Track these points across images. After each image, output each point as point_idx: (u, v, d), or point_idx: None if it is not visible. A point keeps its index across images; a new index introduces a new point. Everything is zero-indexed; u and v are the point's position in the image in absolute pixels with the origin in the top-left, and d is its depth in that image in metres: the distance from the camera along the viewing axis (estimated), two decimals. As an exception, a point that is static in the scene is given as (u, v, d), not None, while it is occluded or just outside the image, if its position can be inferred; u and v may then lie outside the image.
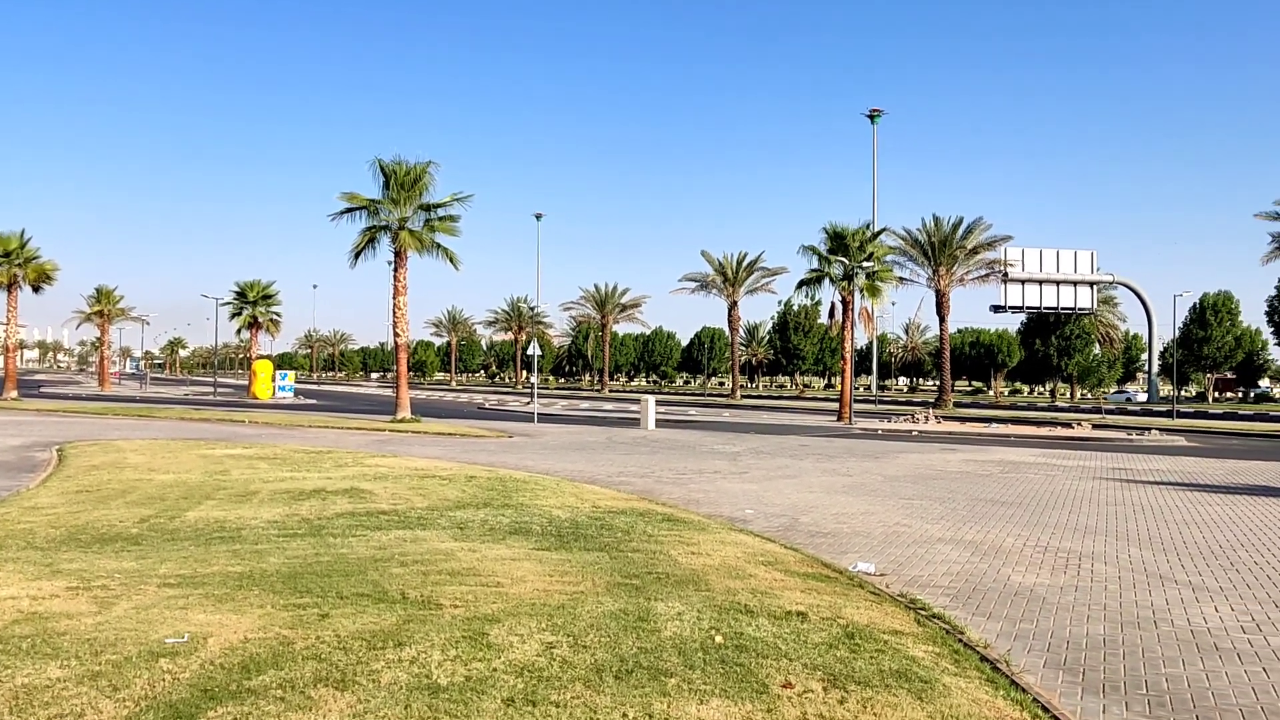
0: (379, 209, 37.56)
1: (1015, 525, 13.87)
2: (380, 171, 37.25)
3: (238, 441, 25.87)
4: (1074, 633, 8.05)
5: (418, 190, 37.34)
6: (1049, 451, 29.26)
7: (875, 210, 51.77)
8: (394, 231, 37.50)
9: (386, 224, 37.72)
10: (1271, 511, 15.84)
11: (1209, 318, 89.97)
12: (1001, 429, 40.54)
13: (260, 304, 69.15)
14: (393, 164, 37.04)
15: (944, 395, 67.62)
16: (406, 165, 37.12)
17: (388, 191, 37.24)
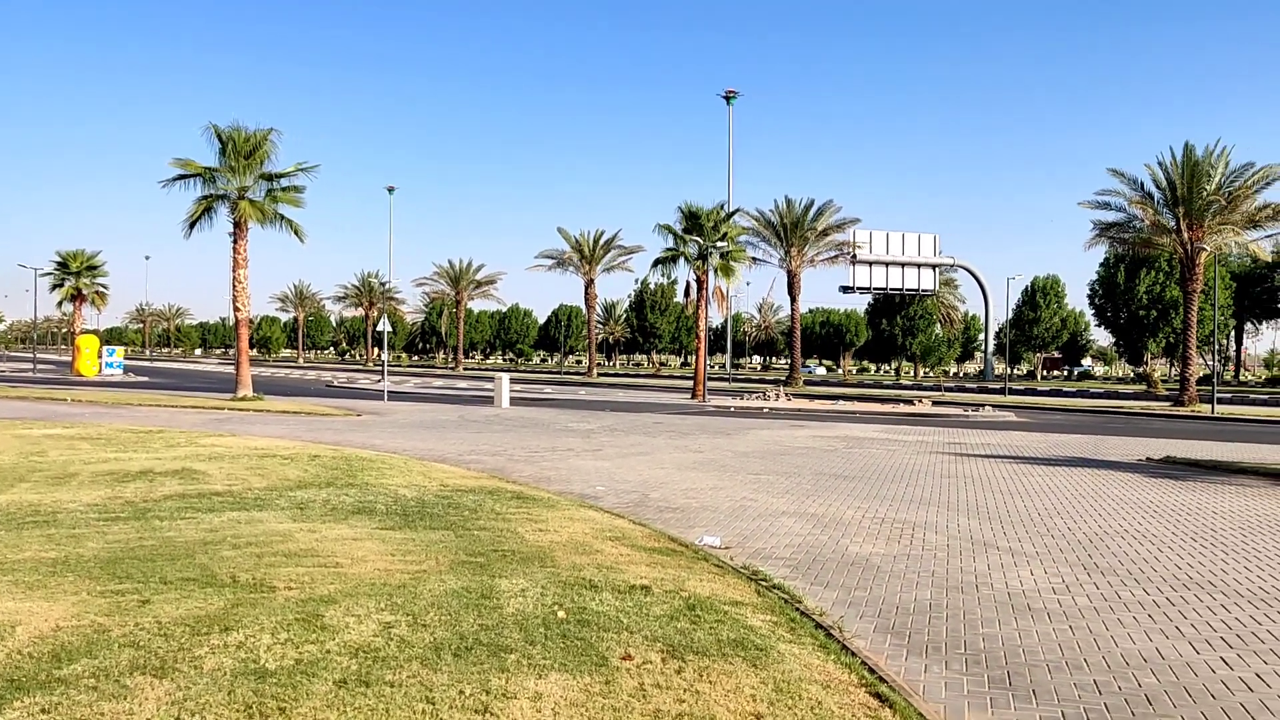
0: (216, 177, 35.81)
1: (855, 498, 14.38)
2: (216, 138, 35.46)
3: (58, 421, 24.35)
4: (904, 599, 8.41)
5: (258, 158, 35.76)
6: (891, 427, 30.47)
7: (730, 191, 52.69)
8: (233, 201, 35.85)
9: (225, 193, 36.00)
10: (1085, 481, 16.93)
11: (1039, 300, 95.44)
12: (848, 406, 41.99)
13: (84, 275, 65.00)
14: (230, 130, 35.34)
15: (794, 373, 69.53)
16: (246, 132, 35.49)
17: (225, 159, 35.51)
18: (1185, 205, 46.35)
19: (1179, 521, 12.80)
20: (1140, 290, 78.78)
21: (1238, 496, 15.40)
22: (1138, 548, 10.92)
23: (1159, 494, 15.47)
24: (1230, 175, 46.13)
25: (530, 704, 5.11)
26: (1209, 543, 11.32)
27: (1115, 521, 12.68)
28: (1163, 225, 47.69)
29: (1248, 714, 5.75)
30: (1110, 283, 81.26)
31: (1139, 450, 23.24)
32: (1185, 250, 47.22)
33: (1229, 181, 46.05)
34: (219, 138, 35.44)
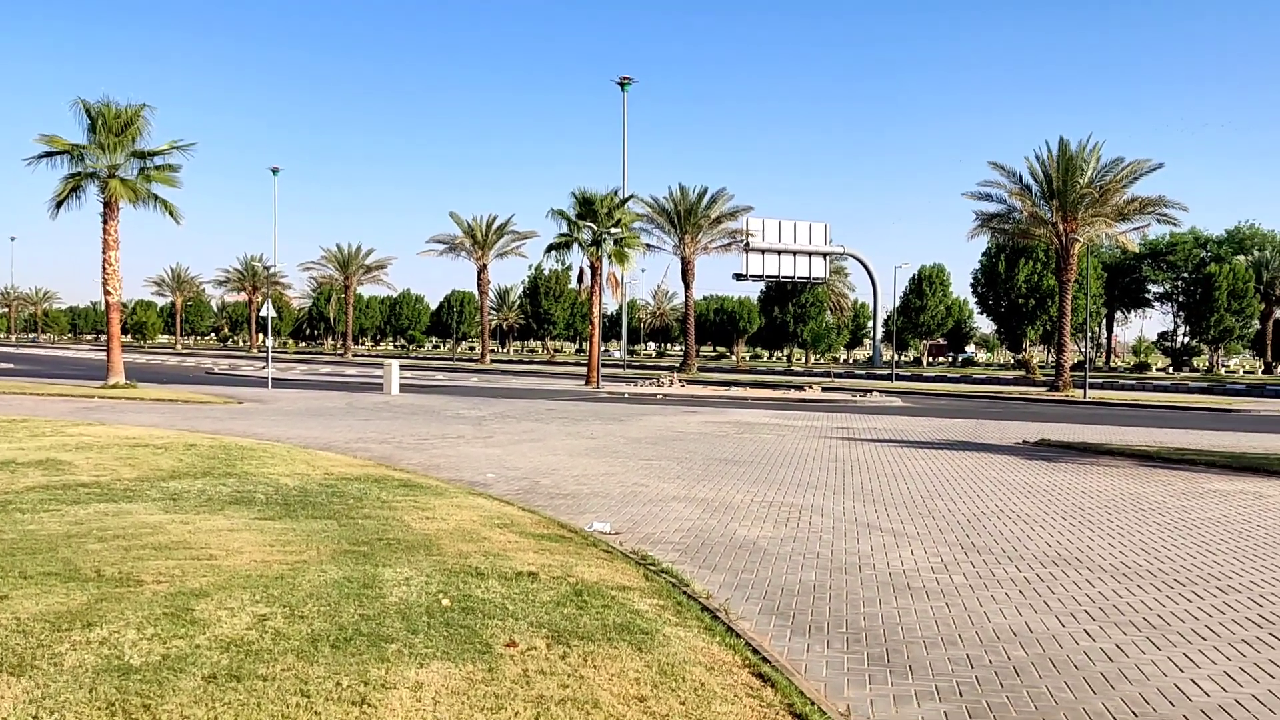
0: (85, 155, 34.09)
1: (745, 483, 14.57)
2: (85, 113, 33.73)
3: (-85, 411, 22.94)
4: (789, 580, 8.55)
5: (130, 136, 34.17)
6: (782, 413, 30.99)
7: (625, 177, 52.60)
8: (103, 180, 34.17)
9: (94, 171, 34.31)
10: (965, 463, 17.50)
11: (925, 289, 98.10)
12: (740, 392, 42.52)
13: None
14: (100, 106, 33.65)
15: (689, 360, 70.11)
16: (116, 108, 33.85)
17: (95, 136, 33.82)
18: (1060, 198, 48.24)
19: (1051, 501, 13.32)
20: (1019, 279, 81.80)
21: (1105, 477, 16.11)
22: (1012, 527, 11.33)
23: (1033, 475, 16.09)
24: (1101, 170, 48.20)
25: (410, 694, 5.01)
26: (1078, 521, 11.81)
27: (992, 502, 13.14)
28: (1040, 217, 49.55)
29: (1107, 682, 6.01)
30: (992, 272, 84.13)
31: (1016, 434, 24.13)
32: (1061, 241, 49.16)
33: (1100, 175, 48.12)
34: (88, 113, 33.75)
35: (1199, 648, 6.75)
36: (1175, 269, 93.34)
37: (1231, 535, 11.03)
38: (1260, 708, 5.62)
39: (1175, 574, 9.03)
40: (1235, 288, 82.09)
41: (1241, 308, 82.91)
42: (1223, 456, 18.64)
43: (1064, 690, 5.87)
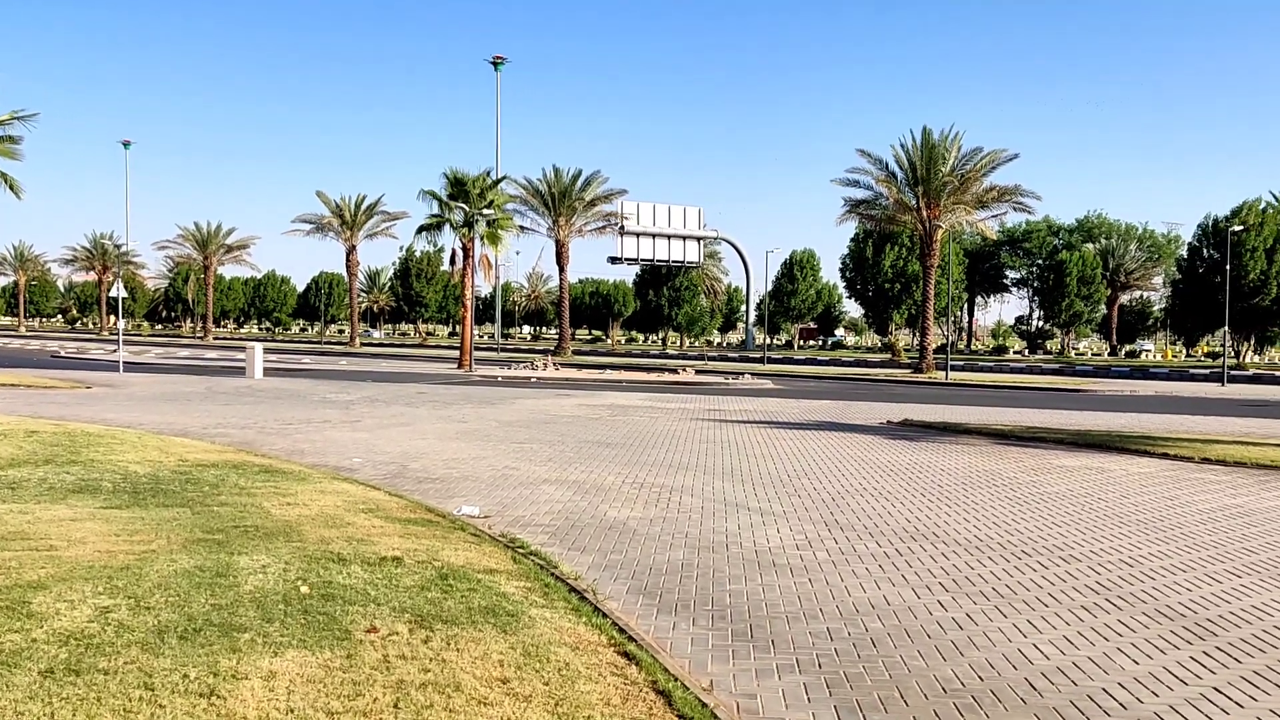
0: (-83, 123, 31.78)
1: (617, 465, 14.61)
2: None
3: None
4: (658, 560, 8.61)
5: (-33, 104, 31.97)
6: (656, 395, 31.23)
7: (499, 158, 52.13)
8: (-64, 151, 31.95)
9: (-73, 142, 32.03)
10: (832, 443, 17.98)
11: (796, 273, 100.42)
12: (615, 375, 42.70)
13: None
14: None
15: (563, 343, 70.00)
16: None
17: (-74, 103, 31.55)
18: (924, 185, 49.96)
19: (911, 479, 13.79)
20: (886, 265, 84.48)
21: (962, 455, 16.78)
22: (874, 504, 11.68)
23: (896, 454, 16.63)
24: (962, 158, 50.13)
25: (263, 683, 4.83)
26: (935, 497, 12.26)
27: (856, 480, 13.52)
28: (905, 203, 51.23)
29: (957, 650, 6.26)
30: (860, 257, 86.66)
31: (881, 414, 24.91)
32: (925, 228, 50.95)
33: (961, 164, 50.04)
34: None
35: (1041, 615, 7.09)
36: (1031, 256, 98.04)
37: (1075, 508, 11.62)
38: (1094, 668, 5.94)
39: (1023, 546, 9.47)
40: (1084, 274, 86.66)
41: (1090, 293, 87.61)
42: (1070, 434, 19.66)
43: (917, 659, 6.08)
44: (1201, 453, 16.69)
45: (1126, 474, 14.62)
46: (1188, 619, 7.02)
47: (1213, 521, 10.87)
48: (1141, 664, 6.03)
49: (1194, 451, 16.84)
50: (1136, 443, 18.21)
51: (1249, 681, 5.74)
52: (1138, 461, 16.14)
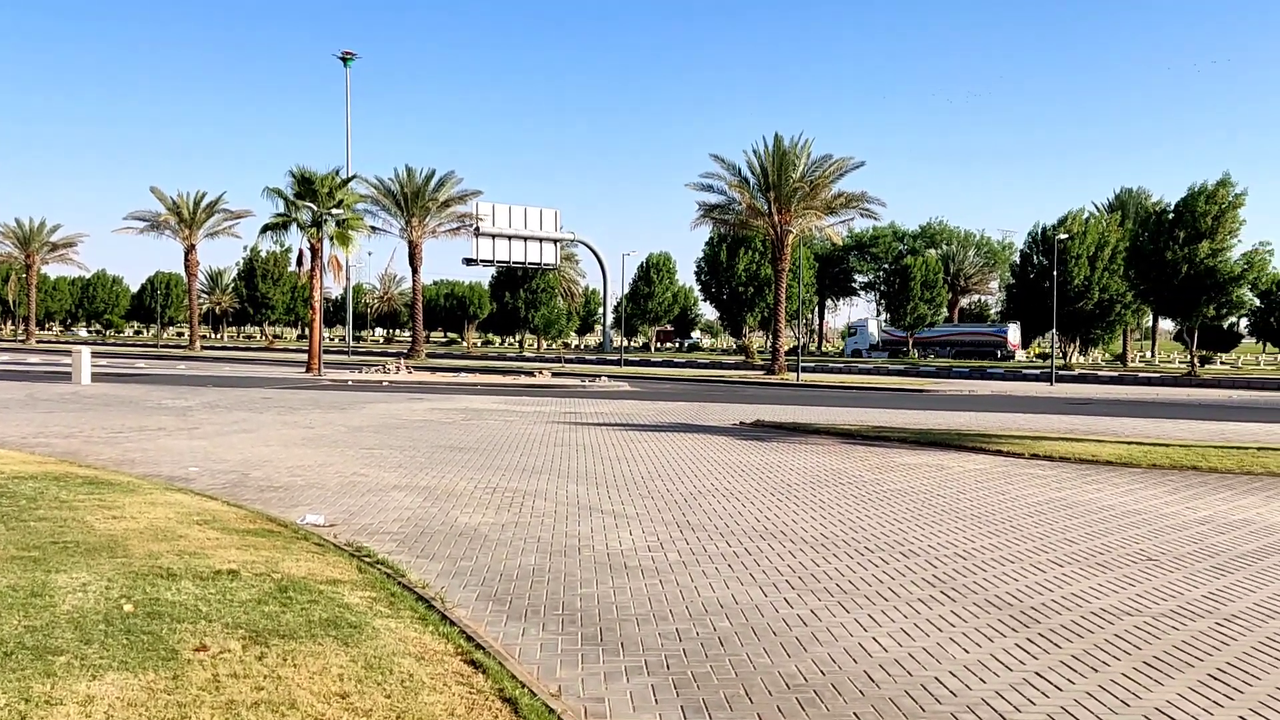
0: None
1: (470, 469, 14.40)
2: None
3: None
4: (509, 565, 8.51)
5: None
6: (512, 398, 30.96)
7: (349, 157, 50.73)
8: None
9: None
10: (686, 445, 18.19)
11: (653, 276, 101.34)
12: (470, 378, 42.13)
13: None
14: None
15: (417, 345, 68.69)
16: None
17: None
18: (776, 191, 51.17)
19: (762, 479, 14.07)
20: (740, 268, 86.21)
21: (811, 454, 17.24)
22: (726, 505, 11.86)
23: (747, 455, 16.95)
24: (812, 165, 51.58)
25: (79, 709, 4.52)
26: (784, 496, 12.54)
27: (709, 481, 13.70)
28: (757, 209, 52.37)
29: (801, 646, 6.40)
30: (714, 261, 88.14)
31: (735, 415, 25.35)
32: (776, 232, 52.19)
33: (811, 171, 51.49)
34: None
35: (881, 609, 7.33)
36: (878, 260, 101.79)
37: (915, 504, 12.08)
38: (928, 658, 6.18)
39: (865, 542, 9.78)
40: (928, 278, 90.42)
41: (933, 296, 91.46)
42: (912, 433, 20.45)
43: (763, 656, 6.18)
44: (1031, 449, 17.61)
45: (963, 470, 15.29)
46: (1014, 608, 7.37)
47: (1039, 514, 11.48)
48: (971, 652, 6.30)
49: (1024, 448, 17.75)
50: (973, 440, 19.08)
51: (1067, 665, 6.07)
52: (974, 458, 16.90)
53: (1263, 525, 10.86)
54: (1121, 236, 69.68)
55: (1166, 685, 5.74)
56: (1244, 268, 60.15)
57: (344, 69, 53.00)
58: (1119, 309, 70.67)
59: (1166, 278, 59.31)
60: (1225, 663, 6.14)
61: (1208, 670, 6.00)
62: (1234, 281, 59.85)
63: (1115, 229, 71.64)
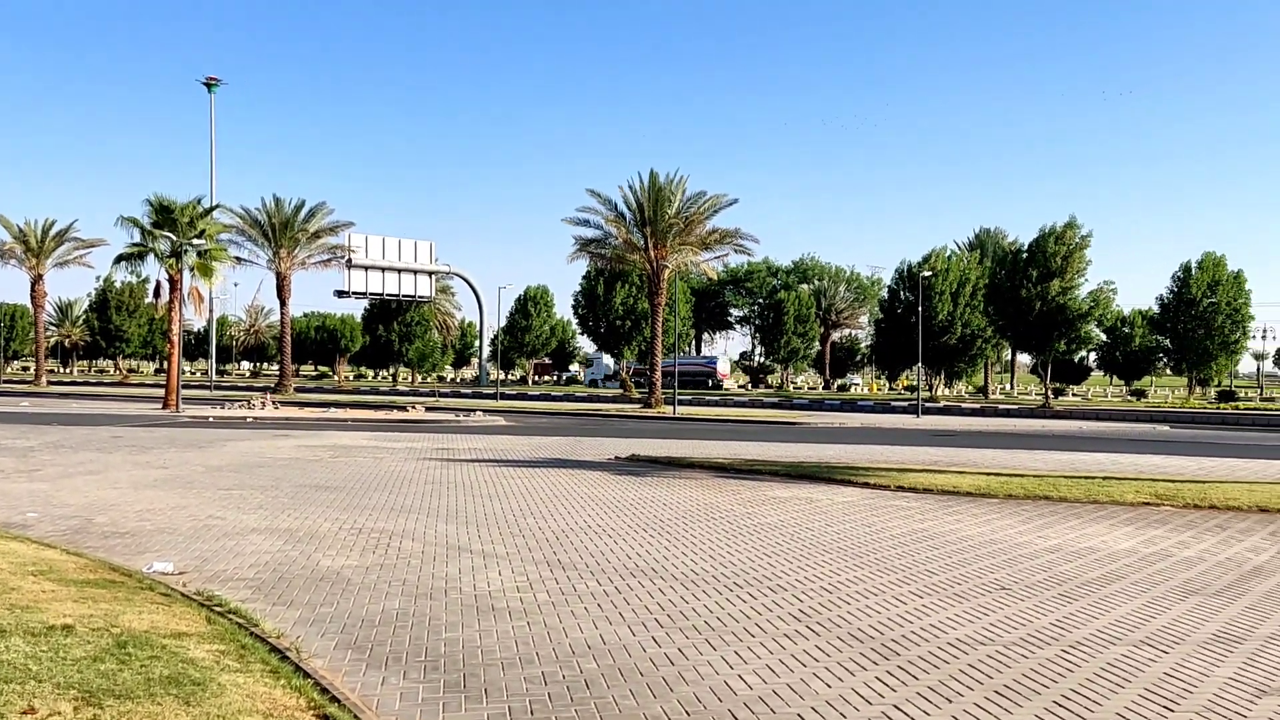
0: None
1: (335, 509, 13.95)
2: None
3: None
4: (371, 610, 8.23)
5: None
6: (383, 434, 30.25)
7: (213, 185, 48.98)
8: None
9: None
10: (560, 480, 18.06)
11: (530, 309, 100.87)
12: (340, 413, 41.02)
13: None
14: None
15: (284, 380, 66.65)
16: None
17: None
18: (652, 226, 51.81)
19: (635, 514, 14.05)
20: (617, 302, 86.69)
21: (685, 488, 17.32)
22: (597, 541, 11.78)
23: (621, 490, 16.92)
24: (687, 201, 52.45)
25: (-122, 791, 4.13)
26: (657, 532, 12.54)
27: (581, 518, 13.61)
28: (634, 243, 52.87)
29: (667, 686, 6.36)
30: (592, 294, 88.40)
31: (611, 450, 25.33)
32: (652, 267, 52.76)
33: (687, 207, 52.35)
34: None
35: (748, 645, 7.36)
36: (753, 295, 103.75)
37: (784, 538, 12.24)
38: (791, 694, 6.22)
39: (735, 577, 9.84)
40: (800, 313, 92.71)
41: (805, 330, 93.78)
42: (784, 466, 20.80)
43: (628, 698, 6.12)
44: (896, 481, 18.11)
45: (832, 503, 15.60)
46: (876, 640, 7.51)
47: (902, 546, 11.78)
48: (834, 686, 6.37)
49: (890, 480, 18.24)
50: (842, 473, 19.52)
51: (924, 696, 6.20)
52: (842, 491, 17.27)
53: (1106, 553, 11.39)
54: (981, 274, 72.92)
55: (1015, 714, 5.91)
56: (1091, 305, 63.65)
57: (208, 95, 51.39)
58: (980, 343, 73.79)
59: (1022, 314, 62.23)
60: (1070, 689, 6.37)
61: (1053, 697, 6.21)
62: (1082, 318, 63.24)
63: (975, 267, 74.96)
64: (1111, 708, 6.04)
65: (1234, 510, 14.86)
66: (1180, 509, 14.99)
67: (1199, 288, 71.32)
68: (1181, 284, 72.61)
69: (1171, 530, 13.04)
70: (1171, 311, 73.22)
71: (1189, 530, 13.04)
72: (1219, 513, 14.72)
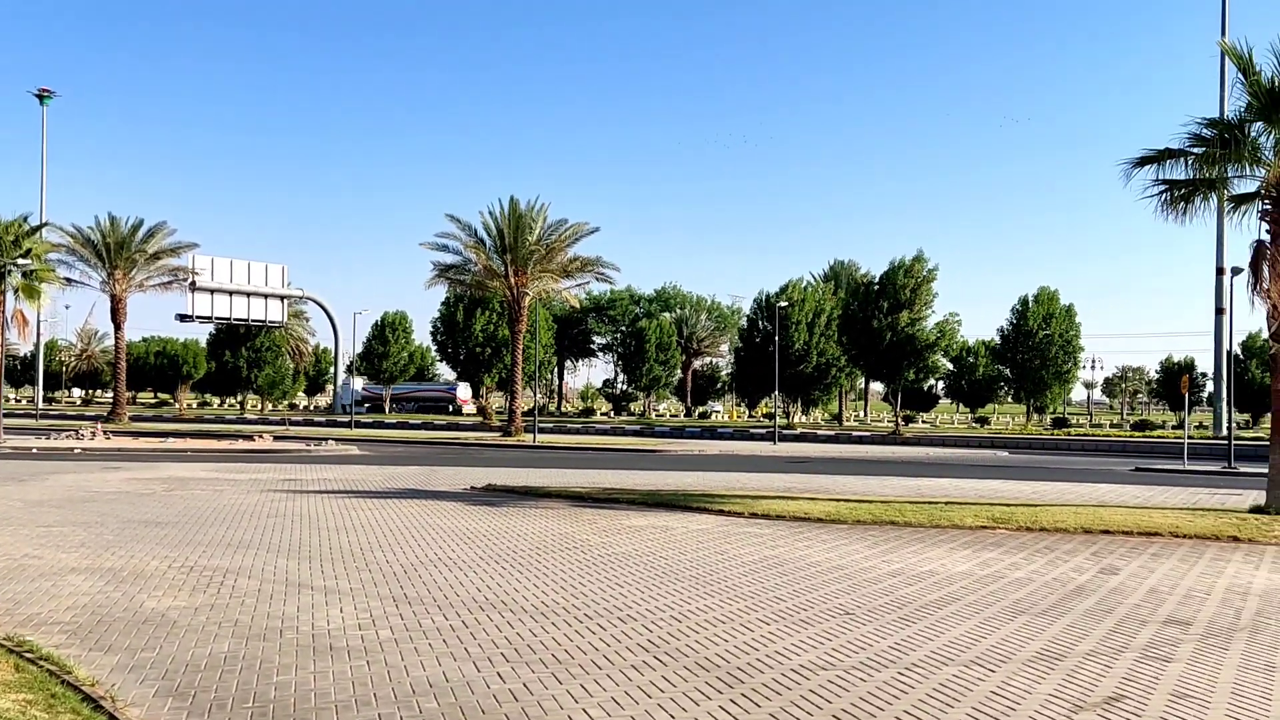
0: None
1: (166, 546, 13.22)
2: None
3: None
4: (197, 654, 7.78)
5: None
6: (225, 465, 28.96)
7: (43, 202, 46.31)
8: None
9: None
10: (412, 512, 17.61)
11: (388, 335, 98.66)
12: (180, 443, 39.11)
13: None
14: None
15: (119, 408, 63.23)
16: None
17: None
18: (512, 253, 51.52)
19: (488, 546, 13.80)
20: (477, 329, 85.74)
21: (541, 518, 17.14)
22: (447, 574, 11.49)
23: (475, 521, 16.61)
24: (549, 229, 52.42)
25: None
26: (510, 564, 12.33)
27: (432, 550, 13.27)
28: (494, 270, 52.45)
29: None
30: (451, 321, 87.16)
31: (467, 479, 24.88)
32: (513, 294, 52.41)
33: (548, 234, 52.30)
34: None
35: (595, 677, 7.26)
36: (615, 323, 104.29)
37: (638, 568, 12.22)
38: (636, 730, 6.15)
39: (586, 609, 9.74)
40: (662, 341, 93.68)
41: (667, 358, 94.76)
42: (641, 494, 20.83)
43: (467, 739, 5.93)
44: (750, 508, 18.37)
45: (687, 531, 15.68)
46: (722, 668, 7.53)
47: (753, 573, 11.91)
48: (678, 717, 6.34)
49: (744, 507, 18.50)
50: (698, 500, 19.69)
51: (767, 726, 6.24)
52: (697, 519, 17.39)
53: (945, 575, 11.80)
54: (836, 305, 75.28)
55: (854, 739, 6.01)
56: (938, 335, 66.51)
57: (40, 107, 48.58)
58: (835, 372, 75.99)
59: (874, 343, 64.50)
60: (904, 710, 6.52)
61: (888, 719, 6.35)
62: (930, 348, 65.99)
63: (830, 298, 77.36)
64: (943, 729, 6.20)
65: (1061, 532, 15.64)
66: (1014, 532, 15.70)
67: (1035, 320, 75.56)
68: (1020, 316, 76.80)
69: (1005, 552, 13.62)
70: (1011, 342, 77.30)
71: (1021, 552, 13.65)
72: (1048, 535, 15.47)
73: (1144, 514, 17.68)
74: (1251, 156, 18.18)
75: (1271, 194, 18.33)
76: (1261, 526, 16.13)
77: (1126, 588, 11.14)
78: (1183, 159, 18.80)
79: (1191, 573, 12.21)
